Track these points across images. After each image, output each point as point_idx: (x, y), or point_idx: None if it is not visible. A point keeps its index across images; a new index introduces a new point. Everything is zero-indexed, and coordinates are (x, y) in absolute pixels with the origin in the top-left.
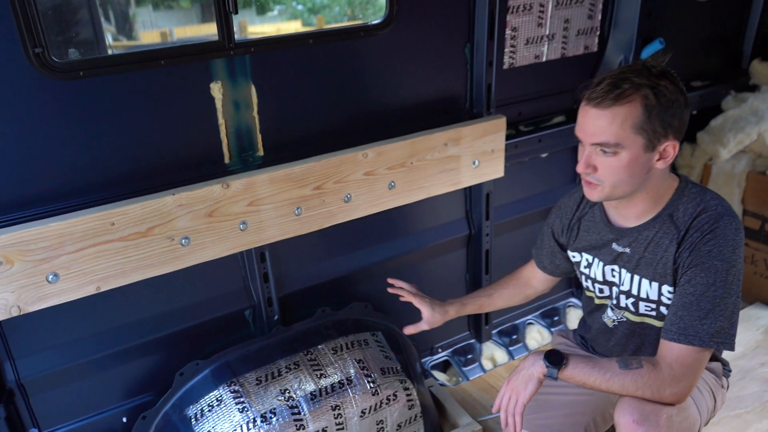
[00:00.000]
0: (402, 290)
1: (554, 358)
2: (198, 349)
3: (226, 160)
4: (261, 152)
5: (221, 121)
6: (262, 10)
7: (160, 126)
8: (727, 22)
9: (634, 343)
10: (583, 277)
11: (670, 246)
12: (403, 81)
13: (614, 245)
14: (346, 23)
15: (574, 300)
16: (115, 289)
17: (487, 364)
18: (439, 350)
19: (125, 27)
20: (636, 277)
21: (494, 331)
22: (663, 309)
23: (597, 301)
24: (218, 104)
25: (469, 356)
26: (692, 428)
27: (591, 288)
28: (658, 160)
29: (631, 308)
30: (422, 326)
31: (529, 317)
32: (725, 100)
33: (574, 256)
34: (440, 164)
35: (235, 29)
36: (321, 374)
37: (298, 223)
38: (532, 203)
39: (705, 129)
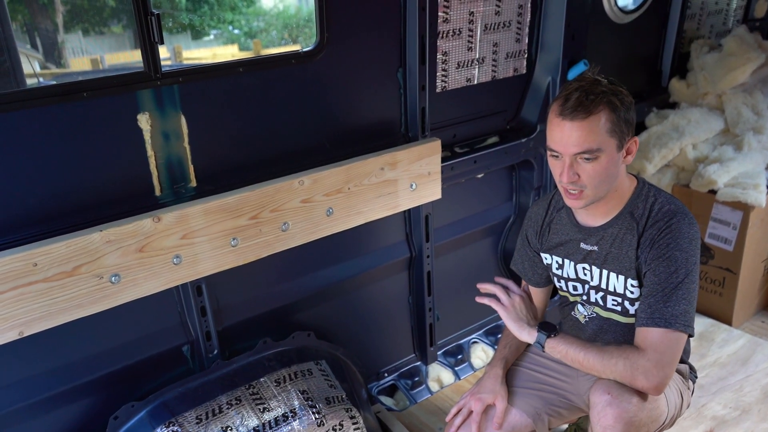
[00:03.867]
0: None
1: (548, 328)
2: (134, 390)
3: (157, 192)
4: (194, 183)
5: (150, 152)
6: (197, 35)
7: (85, 160)
8: (647, 43)
9: (604, 339)
10: (556, 279)
11: (633, 241)
12: (338, 107)
13: (582, 245)
14: (278, 50)
15: None
16: (41, 332)
17: (433, 386)
18: (386, 375)
19: (54, 54)
20: (605, 272)
21: (439, 352)
22: (627, 303)
23: (571, 299)
24: (146, 136)
25: (416, 379)
26: (659, 418)
27: (564, 287)
28: (626, 156)
29: (600, 302)
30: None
31: (473, 336)
32: (648, 117)
33: (545, 258)
34: (378, 189)
35: (168, 55)
36: (264, 408)
37: (234, 254)
38: (471, 223)
39: None
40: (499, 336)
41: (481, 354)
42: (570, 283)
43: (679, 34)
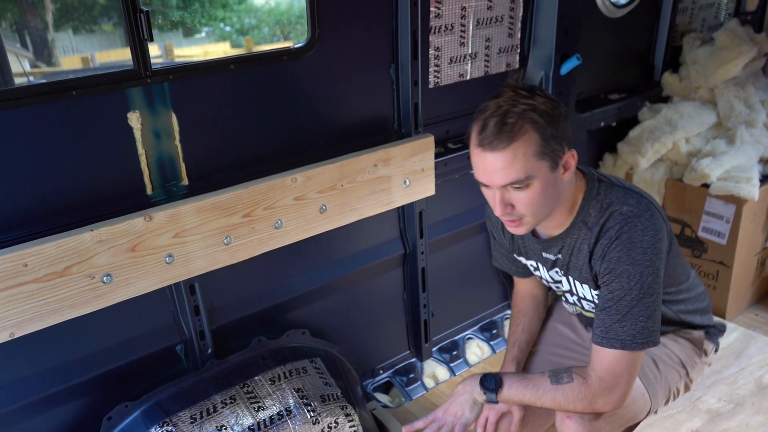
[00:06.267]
0: None
1: (489, 383)
2: (127, 390)
3: (149, 191)
4: (185, 182)
5: (141, 151)
6: (189, 32)
7: (75, 159)
8: (639, 37)
9: None
10: (538, 276)
11: (587, 252)
12: (330, 103)
13: (544, 254)
14: (270, 46)
15: (510, 312)
16: (32, 333)
17: (429, 383)
18: (381, 372)
19: (44, 53)
20: (571, 279)
21: (434, 349)
22: None
23: (558, 293)
24: (137, 134)
25: (411, 375)
26: (638, 415)
27: (546, 284)
28: (564, 173)
29: (578, 304)
30: None
31: (468, 332)
32: (641, 112)
33: (521, 260)
34: (371, 185)
35: (160, 53)
36: (259, 407)
37: (227, 252)
38: (465, 219)
39: (624, 140)
40: (495, 331)
41: (476, 350)
42: (550, 284)
43: (671, 28)
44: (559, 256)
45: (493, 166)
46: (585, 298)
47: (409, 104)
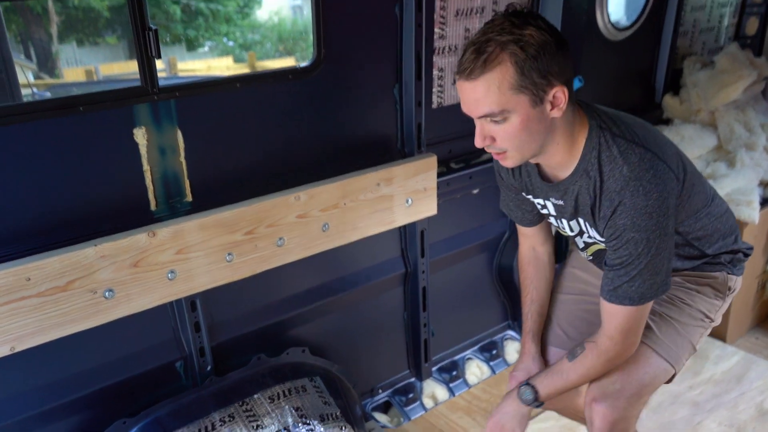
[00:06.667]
0: None
1: (527, 396)
2: (126, 406)
3: (153, 207)
4: (189, 198)
5: (146, 167)
6: (192, 46)
7: (80, 174)
8: (640, 60)
9: None
10: (546, 214)
11: (590, 204)
12: (334, 122)
13: (548, 194)
14: (274, 62)
15: (511, 333)
16: (33, 347)
17: (428, 403)
18: (380, 391)
19: (47, 64)
20: (581, 220)
21: (434, 368)
22: None
23: (563, 234)
24: (142, 150)
25: (410, 395)
26: (654, 380)
27: (554, 224)
28: (552, 109)
29: (590, 241)
30: None
31: (467, 352)
32: None
33: (528, 197)
34: (373, 204)
35: (163, 66)
36: (257, 425)
37: (230, 269)
38: (467, 239)
39: None
40: (494, 352)
41: (475, 370)
42: (556, 219)
43: (672, 50)
44: (561, 202)
45: (468, 96)
46: (597, 239)
47: (413, 124)
